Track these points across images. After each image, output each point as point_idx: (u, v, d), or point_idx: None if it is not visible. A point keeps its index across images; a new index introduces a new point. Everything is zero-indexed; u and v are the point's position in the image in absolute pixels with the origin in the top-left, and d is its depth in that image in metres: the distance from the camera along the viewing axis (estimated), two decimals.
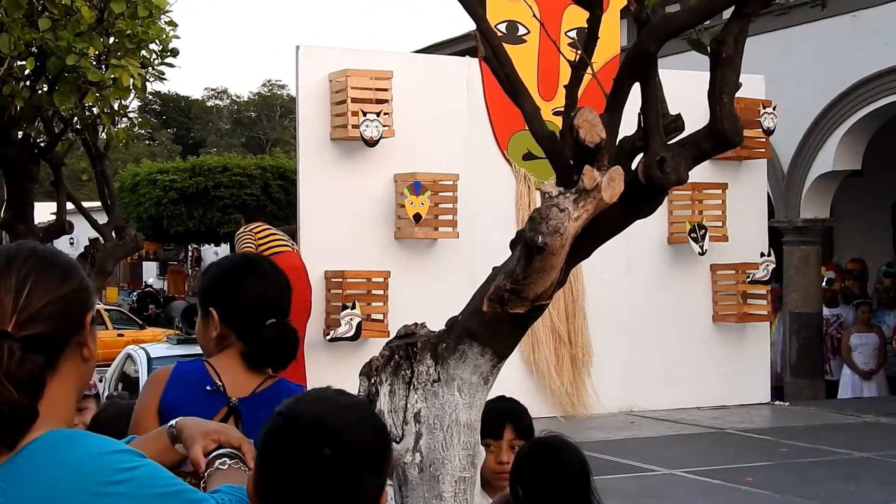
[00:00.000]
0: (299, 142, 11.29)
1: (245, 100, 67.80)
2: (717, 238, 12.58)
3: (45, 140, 9.76)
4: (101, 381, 11.70)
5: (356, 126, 10.75)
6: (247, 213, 24.94)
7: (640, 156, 2.65)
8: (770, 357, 13.41)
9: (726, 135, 2.63)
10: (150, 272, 44.01)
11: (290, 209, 21.78)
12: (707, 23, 2.73)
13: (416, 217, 11.00)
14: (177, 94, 63.26)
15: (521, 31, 11.89)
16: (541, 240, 2.39)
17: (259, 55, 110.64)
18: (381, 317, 10.93)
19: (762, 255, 12.79)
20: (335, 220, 11.02)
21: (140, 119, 10.77)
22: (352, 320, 10.57)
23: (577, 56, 2.79)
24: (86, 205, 11.43)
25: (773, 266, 12.84)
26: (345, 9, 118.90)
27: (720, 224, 12.65)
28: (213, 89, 68.61)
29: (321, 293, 10.73)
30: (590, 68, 2.76)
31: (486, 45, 2.77)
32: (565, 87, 2.83)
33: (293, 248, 10.21)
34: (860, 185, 15.63)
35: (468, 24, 2.80)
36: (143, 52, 8.56)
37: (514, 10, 11.59)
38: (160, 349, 11.39)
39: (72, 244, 26.93)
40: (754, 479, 8.91)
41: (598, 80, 2.83)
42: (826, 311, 14.71)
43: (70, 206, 10.38)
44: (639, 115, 2.67)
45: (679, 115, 2.83)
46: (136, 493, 1.78)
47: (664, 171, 2.57)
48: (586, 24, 2.82)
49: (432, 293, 10.48)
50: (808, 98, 14.30)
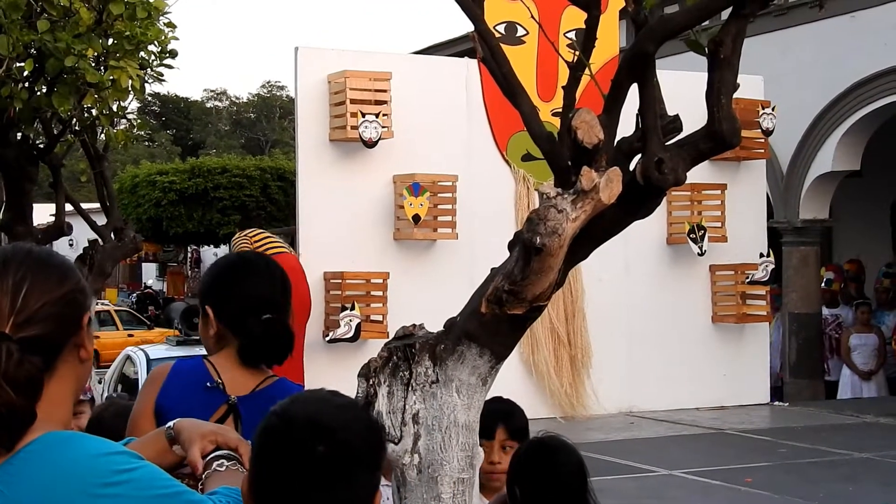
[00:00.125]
0: (298, 143, 11.29)
1: (244, 101, 67.85)
2: (717, 239, 12.58)
3: (44, 141, 9.75)
4: (100, 383, 11.70)
5: (355, 127, 10.75)
6: (244, 216, 25.05)
7: (639, 157, 2.65)
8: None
9: (724, 135, 2.63)
10: (150, 273, 44.02)
11: (289, 210, 21.81)
12: (705, 23, 2.73)
13: (415, 218, 11.00)
14: (176, 95, 63.30)
15: (520, 31, 11.89)
16: (539, 241, 2.39)
17: (258, 56, 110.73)
18: (380, 318, 10.92)
19: (761, 255, 12.79)
20: (334, 221, 11.02)
21: (139, 120, 10.75)
22: (351, 321, 10.57)
23: (576, 57, 2.79)
24: (85, 206, 11.41)
25: (773, 266, 12.84)
26: (344, 10, 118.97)
27: (719, 225, 12.65)
28: (212, 90, 68.73)
29: (320, 294, 10.74)
30: (588, 69, 2.76)
31: (483, 46, 2.77)
32: (563, 87, 2.83)
33: (290, 251, 10.21)
34: (859, 185, 15.63)
35: (467, 25, 2.79)
36: (142, 54, 8.54)
37: (513, 11, 11.59)
38: (159, 350, 11.39)
39: (71, 245, 26.91)
40: (754, 479, 8.91)
41: (597, 80, 2.83)
42: (825, 312, 14.70)
43: (69, 207, 10.36)
44: (637, 115, 2.67)
45: (677, 115, 2.83)
46: (134, 495, 1.78)
47: (662, 172, 2.57)
48: (584, 25, 2.82)
49: (431, 294, 10.48)
50: (807, 99, 14.30)
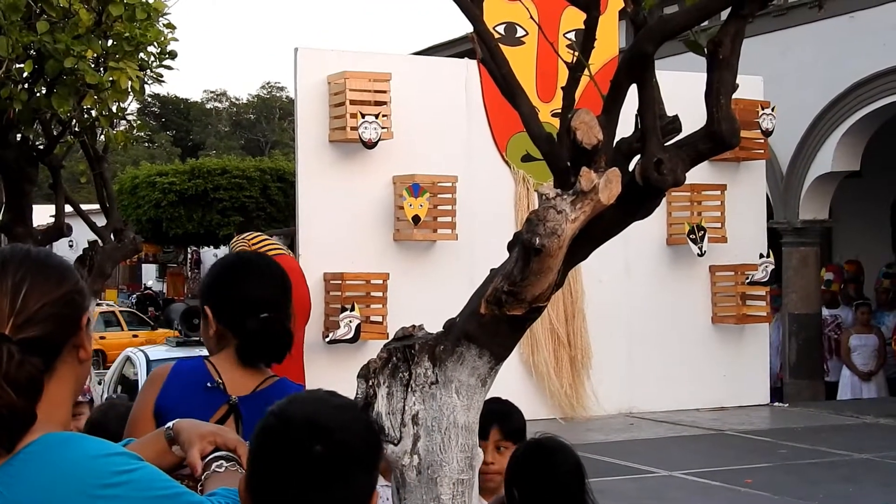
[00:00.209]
0: (298, 144, 11.29)
1: (244, 102, 67.86)
2: (716, 239, 12.58)
3: (44, 143, 9.73)
4: (100, 384, 11.71)
5: (355, 128, 10.75)
6: (244, 217, 25.06)
7: (638, 157, 2.65)
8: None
9: (723, 136, 2.63)
10: (150, 274, 44.03)
11: (288, 211, 21.81)
12: (704, 24, 2.73)
13: (415, 219, 11.00)
14: (176, 96, 63.33)
15: (520, 32, 11.89)
16: (538, 241, 2.39)
17: (258, 57, 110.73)
18: (379, 319, 10.92)
19: (761, 256, 12.79)
20: (334, 222, 11.01)
21: (139, 122, 10.75)
22: (350, 322, 10.57)
23: (575, 58, 2.79)
24: (84, 207, 11.39)
25: (772, 267, 12.84)
26: (343, 11, 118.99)
27: (719, 225, 12.65)
28: (211, 92, 68.88)
29: (320, 295, 10.73)
30: (587, 70, 2.76)
31: (483, 47, 2.77)
32: (563, 88, 2.83)
33: (288, 253, 10.22)
34: (859, 185, 15.63)
35: (466, 25, 2.79)
36: (142, 55, 8.52)
37: (512, 11, 11.58)
38: (159, 351, 11.40)
39: (71, 247, 26.92)
40: (754, 480, 8.91)
41: (596, 81, 2.83)
42: (824, 312, 14.70)
43: (69, 208, 10.34)
44: (636, 116, 2.67)
45: (676, 116, 2.83)
46: (133, 496, 1.78)
47: (661, 173, 2.57)
48: (584, 26, 2.82)
49: (431, 295, 10.48)
50: (807, 99, 14.30)
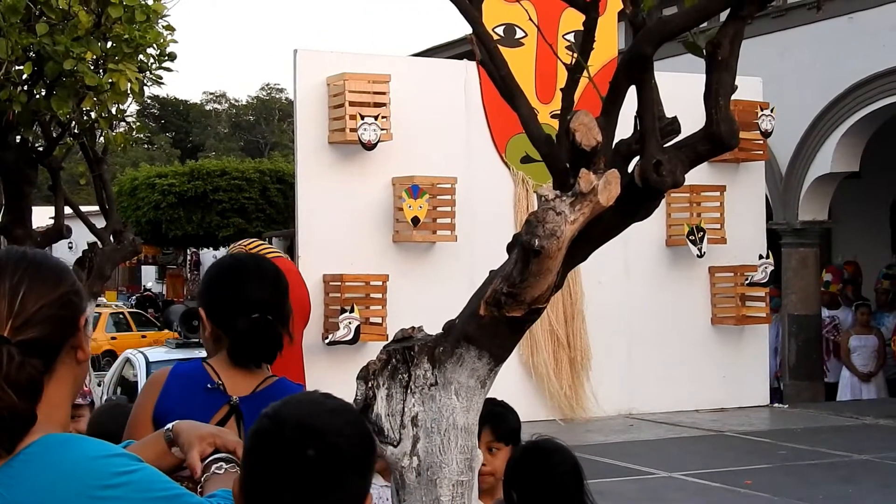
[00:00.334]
0: (297, 145, 11.29)
1: (243, 104, 67.84)
2: (716, 240, 12.59)
3: (43, 144, 9.74)
4: (99, 385, 11.71)
5: (354, 129, 10.75)
6: (243, 219, 25.05)
7: (637, 159, 2.65)
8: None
9: (722, 137, 2.63)
10: (149, 276, 44.02)
11: (288, 213, 21.80)
12: (703, 25, 2.73)
13: (415, 220, 11.00)
14: (175, 98, 63.32)
15: (519, 34, 11.89)
16: (537, 243, 2.39)
17: (257, 59, 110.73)
18: (379, 320, 10.92)
19: (760, 257, 12.80)
20: (333, 223, 11.02)
21: (138, 123, 10.75)
22: (350, 324, 10.57)
23: (574, 59, 2.79)
24: (84, 209, 11.41)
25: (772, 268, 12.84)
26: (343, 12, 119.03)
27: (718, 226, 12.65)
28: (211, 93, 68.83)
29: (319, 297, 10.72)
30: (586, 71, 2.76)
31: (482, 49, 2.77)
32: (562, 90, 2.83)
33: (286, 257, 10.22)
34: (858, 186, 15.63)
35: (465, 27, 2.79)
36: (141, 57, 8.53)
37: (511, 13, 11.59)
38: (159, 353, 11.40)
39: (70, 248, 26.92)
40: (754, 481, 8.91)
41: (595, 83, 2.83)
42: (823, 313, 14.70)
43: (68, 210, 10.34)
44: (635, 117, 2.67)
45: (675, 117, 2.83)
46: (133, 497, 1.78)
47: (660, 174, 2.57)
48: (583, 28, 2.82)
49: (430, 296, 10.48)
50: (806, 100, 14.30)
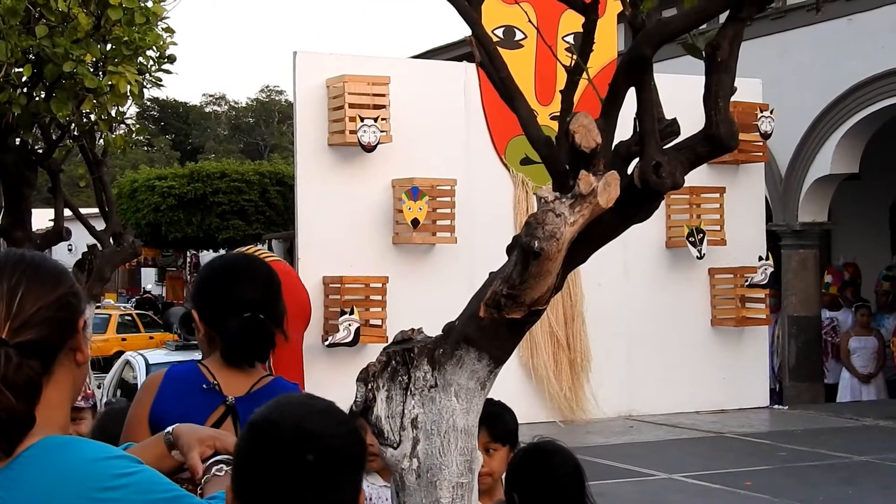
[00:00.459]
0: (297, 147, 11.29)
1: (243, 106, 67.86)
2: (716, 242, 12.59)
3: (43, 147, 9.74)
4: (99, 388, 11.71)
5: (354, 131, 10.76)
6: (243, 221, 25.04)
7: (636, 160, 2.65)
8: None
9: (722, 139, 2.62)
10: (149, 278, 44.00)
11: (288, 215, 21.79)
12: (702, 27, 2.73)
13: (414, 222, 11.00)
14: (175, 100, 63.34)
15: (518, 36, 11.89)
16: (537, 245, 2.39)
17: (257, 61, 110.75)
18: (379, 322, 10.92)
19: (760, 258, 12.80)
20: (333, 225, 11.02)
21: (138, 125, 10.74)
22: (350, 326, 10.57)
23: (573, 61, 2.79)
24: (84, 211, 11.41)
25: (772, 270, 12.84)
26: (342, 14, 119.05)
27: (718, 228, 12.66)
28: (211, 95, 68.80)
29: (319, 299, 10.73)
30: (585, 73, 2.76)
31: (481, 50, 2.77)
32: (561, 91, 2.83)
33: (284, 262, 10.23)
34: (858, 187, 15.63)
35: (465, 29, 2.80)
36: (141, 59, 8.53)
37: (511, 15, 11.59)
38: (158, 355, 11.41)
39: (70, 251, 26.90)
40: (753, 483, 8.91)
41: (594, 84, 2.83)
42: (823, 315, 14.70)
43: (68, 212, 10.34)
44: (635, 119, 2.67)
45: (675, 119, 2.83)
46: (133, 499, 1.77)
47: (660, 176, 2.57)
48: (582, 29, 2.82)
49: (430, 298, 10.48)
50: (806, 101, 14.31)
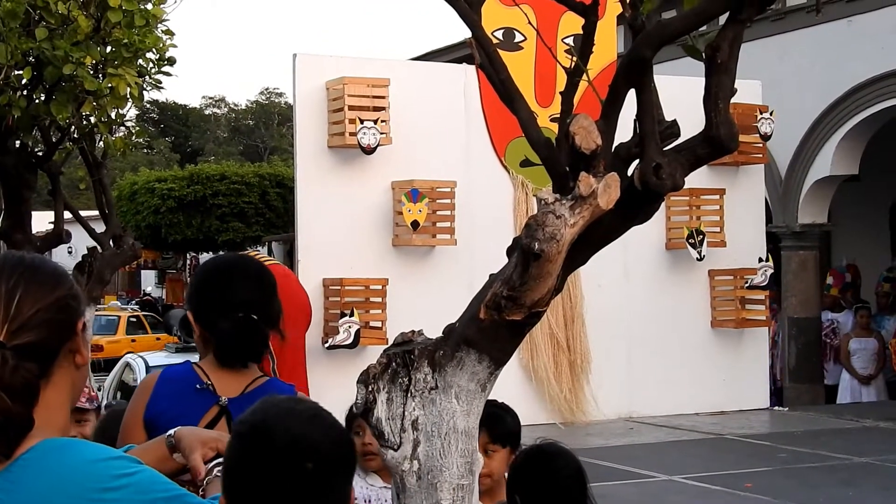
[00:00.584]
0: (297, 150, 11.29)
1: (243, 108, 67.83)
2: (715, 244, 12.60)
3: (43, 149, 9.75)
4: (99, 390, 11.71)
5: (353, 133, 10.76)
6: (243, 223, 25.04)
7: (636, 162, 2.65)
8: None
9: (722, 140, 2.62)
10: (149, 280, 43.98)
11: (287, 217, 21.81)
12: (702, 28, 2.73)
13: (414, 224, 11.00)
14: (174, 102, 63.29)
15: (518, 37, 11.90)
16: (537, 246, 2.39)
17: (256, 63, 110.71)
18: (379, 324, 10.92)
19: (760, 260, 12.80)
20: (333, 227, 11.02)
21: (137, 128, 10.76)
22: (350, 328, 10.57)
23: (573, 62, 2.79)
24: (83, 213, 11.40)
25: (772, 271, 12.85)
26: (342, 16, 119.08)
27: (718, 230, 12.66)
28: (210, 98, 68.77)
29: (319, 301, 10.72)
30: (585, 75, 2.76)
31: (481, 52, 2.77)
32: (561, 93, 2.83)
33: (282, 265, 10.23)
34: (858, 189, 15.63)
35: (465, 31, 2.80)
36: (140, 61, 8.54)
37: (510, 17, 11.59)
38: (158, 358, 11.42)
39: (70, 253, 26.92)
40: (754, 484, 8.91)
41: (594, 86, 2.83)
42: (823, 316, 14.70)
43: (68, 215, 10.34)
44: (635, 121, 2.67)
45: (675, 120, 2.83)
46: (134, 499, 1.77)
47: (660, 178, 2.57)
48: (582, 31, 2.82)
49: (430, 300, 10.48)
50: (805, 103, 14.31)
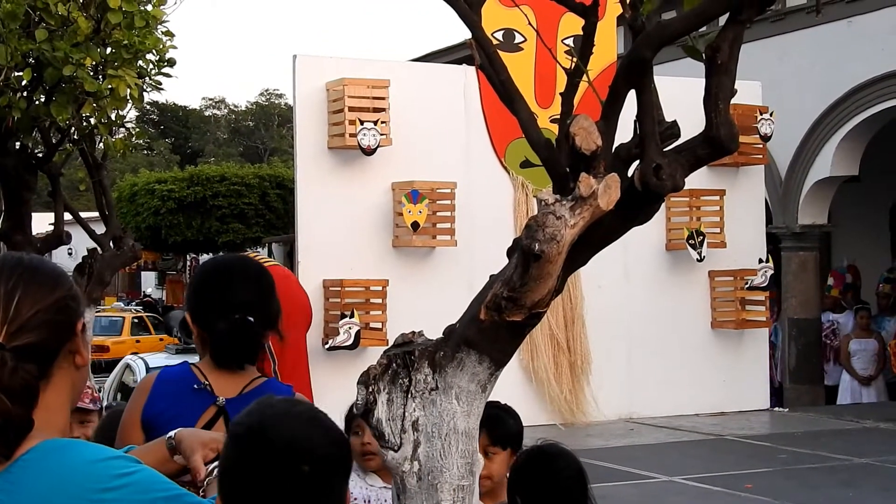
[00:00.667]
0: (297, 151, 11.29)
1: (243, 109, 67.84)
2: (716, 244, 12.60)
3: (43, 150, 9.76)
4: (99, 391, 11.71)
5: (353, 135, 10.76)
6: (243, 224, 25.05)
7: (637, 163, 2.65)
8: None
9: (722, 141, 2.62)
10: (149, 282, 43.98)
11: (287, 218, 21.81)
12: (702, 29, 2.73)
13: (414, 225, 11.00)
14: (174, 103, 63.31)
15: (518, 38, 11.90)
16: (537, 247, 2.39)
17: (257, 65, 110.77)
18: (379, 325, 10.92)
19: (760, 261, 12.80)
20: (333, 228, 11.02)
21: (138, 129, 10.76)
22: (350, 329, 10.57)
23: (573, 63, 2.79)
24: (84, 215, 11.41)
25: (772, 272, 12.85)
26: (342, 17, 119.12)
27: (718, 230, 12.66)
28: (210, 99, 68.80)
29: (319, 302, 10.72)
30: (585, 76, 2.76)
31: (481, 53, 2.77)
32: (561, 94, 2.83)
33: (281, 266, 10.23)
34: (858, 190, 15.63)
35: (465, 32, 2.80)
36: (140, 63, 8.55)
37: (510, 17, 11.60)
38: (159, 359, 11.43)
39: (70, 254, 26.91)
40: (754, 485, 8.91)
41: (594, 87, 2.83)
42: (823, 317, 14.70)
43: (68, 216, 10.36)
44: (635, 122, 2.67)
45: (675, 121, 2.83)
46: (134, 499, 1.78)
47: (660, 178, 2.57)
48: (582, 32, 2.82)
49: (430, 301, 10.48)
50: (805, 104, 14.31)
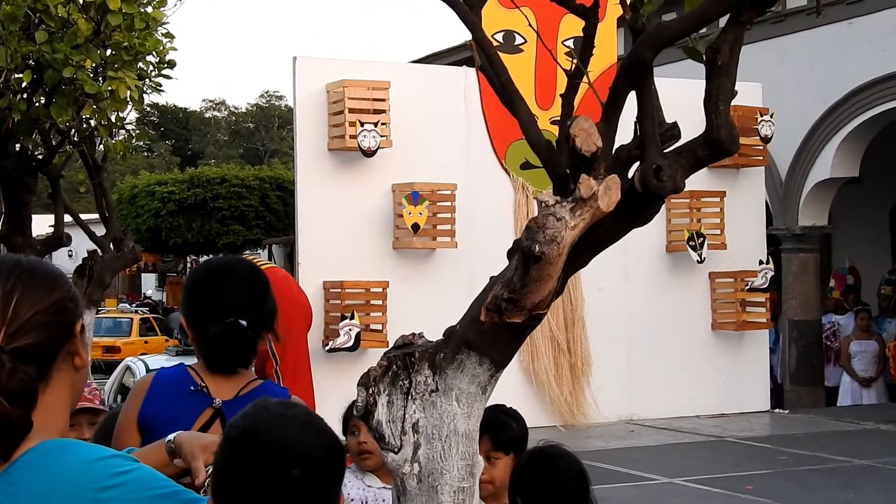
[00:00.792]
0: (297, 152, 11.30)
1: (243, 111, 67.84)
2: (716, 246, 12.59)
3: (43, 152, 9.76)
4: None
5: (354, 136, 10.76)
6: (243, 226, 25.05)
7: (637, 164, 2.65)
8: None
9: (722, 143, 2.62)
10: (149, 284, 44.00)
11: (288, 220, 21.81)
12: (702, 31, 2.73)
13: (415, 227, 11.00)
14: (175, 105, 63.30)
15: (518, 40, 11.90)
16: (538, 249, 2.38)
17: (257, 66, 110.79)
18: (379, 327, 10.92)
19: (761, 262, 12.80)
20: (333, 230, 11.02)
21: (138, 131, 10.75)
22: (350, 331, 10.57)
23: (574, 65, 2.79)
24: (84, 217, 11.41)
25: (772, 273, 12.85)
26: (342, 19, 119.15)
27: (718, 232, 12.66)
28: (210, 101, 68.66)
29: (319, 304, 10.72)
30: (586, 77, 2.76)
31: (481, 55, 2.77)
32: (562, 95, 2.83)
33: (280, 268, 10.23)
34: (858, 191, 15.63)
35: (465, 33, 2.80)
36: (140, 64, 8.55)
37: (511, 19, 11.60)
38: (159, 361, 11.42)
39: (70, 256, 26.92)
40: (754, 487, 8.91)
41: (595, 88, 2.83)
42: (824, 319, 14.70)
43: (68, 218, 10.35)
44: (635, 123, 2.67)
45: (675, 123, 2.83)
46: (132, 497, 1.78)
47: (660, 180, 2.56)
48: (582, 33, 2.82)
49: (431, 303, 10.48)
50: (806, 105, 14.31)
